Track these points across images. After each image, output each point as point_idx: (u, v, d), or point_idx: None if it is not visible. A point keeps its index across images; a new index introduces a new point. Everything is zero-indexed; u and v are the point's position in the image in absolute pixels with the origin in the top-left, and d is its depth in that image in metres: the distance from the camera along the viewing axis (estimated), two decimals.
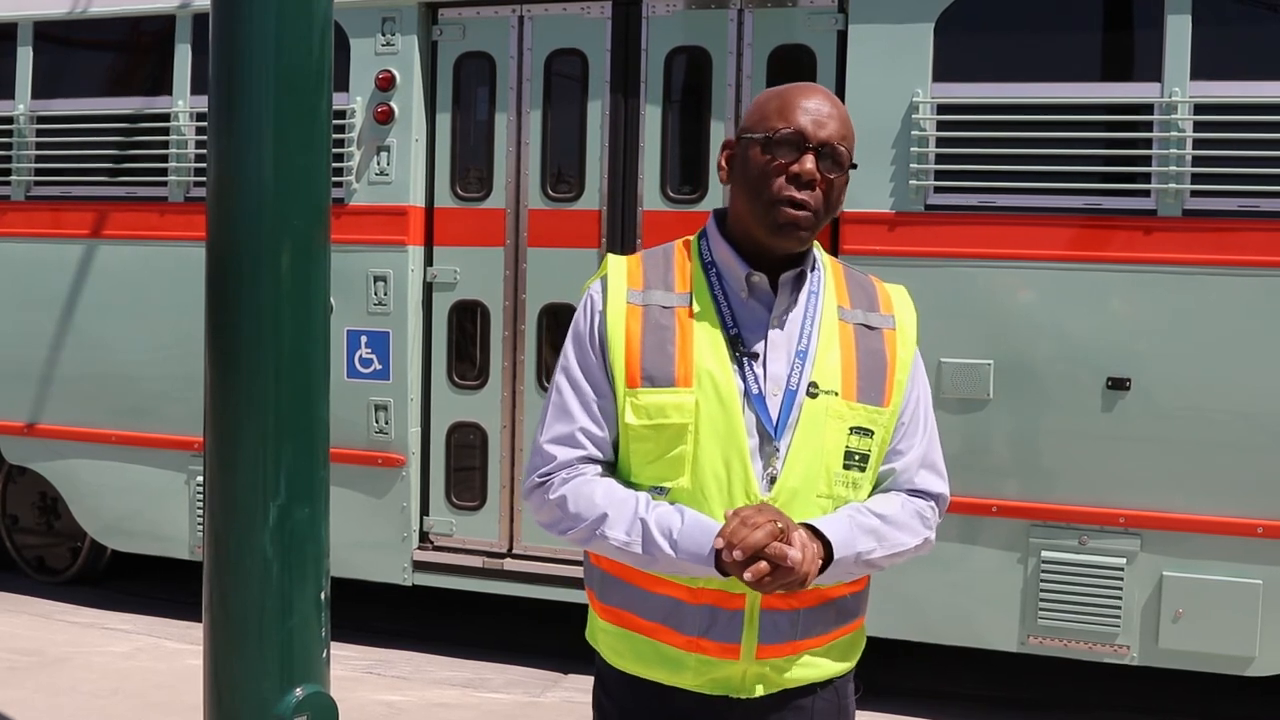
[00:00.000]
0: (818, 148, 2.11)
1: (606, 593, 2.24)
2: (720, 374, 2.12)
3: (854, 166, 2.19)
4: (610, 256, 2.27)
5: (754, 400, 2.12)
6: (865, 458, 2.16)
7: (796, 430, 2.11)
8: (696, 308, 2.17)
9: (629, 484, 2.17)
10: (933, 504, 2.25)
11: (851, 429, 2.14)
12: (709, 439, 2.10)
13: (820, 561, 2.04)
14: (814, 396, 2.13)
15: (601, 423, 2.18)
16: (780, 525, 1.99)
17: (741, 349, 2.14)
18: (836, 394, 2.14)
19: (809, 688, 2.21)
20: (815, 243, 2.25)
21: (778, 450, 2.11)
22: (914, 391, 2.24)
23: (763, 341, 2.15)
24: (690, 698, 2.17)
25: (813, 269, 2.22)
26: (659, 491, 2.13)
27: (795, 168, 2.10)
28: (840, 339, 2.18)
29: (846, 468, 2.14)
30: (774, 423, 2.11)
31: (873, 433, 2.16)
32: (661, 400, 2.12)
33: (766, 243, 2.15)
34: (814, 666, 2.20)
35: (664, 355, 2.13)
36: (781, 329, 2.17)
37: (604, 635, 2.27)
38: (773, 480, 2.11)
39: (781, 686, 2.18)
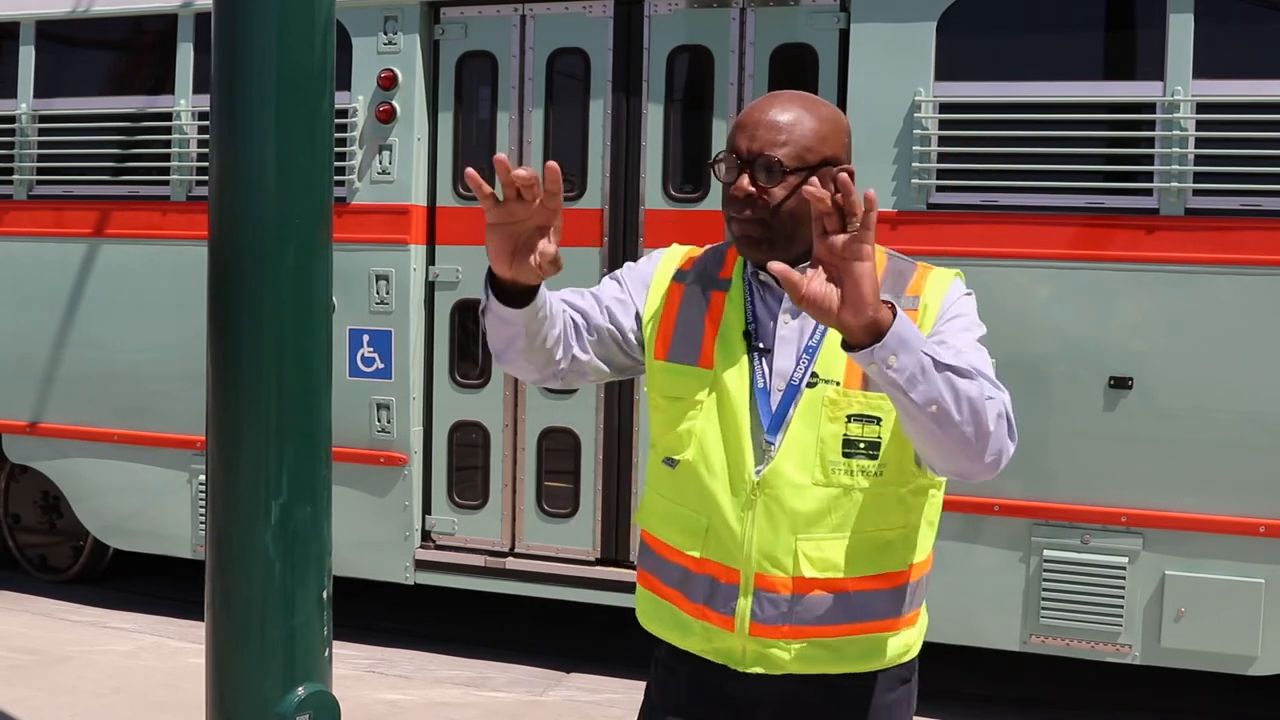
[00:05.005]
0: (750, 162, 2.15)
1: (642, 559, 2.36)
2: (735, 363, 2.20)
3: (818, 166, 2.14)
4: (674, 245, 2.39)
5: (758, 393, 2.18)
6: (874, 445, 2.14)
7: (793, 422, 2.15)
8: (731, 296, 2.25)
9: (652, 451, 2.29)
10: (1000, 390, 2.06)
11: (850, 417, 2.14)
12: (713, 421, 2.19)
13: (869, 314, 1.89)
14: (813, 386, 2.16)
15: (596, 303, 2.30)
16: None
17: (754, 343, 2.20)
18: (838, 383, 2.15)
19: (823, 678, 2.20)
20: None
21: (773, 442, 2.15)
22: (944, 338, 2.14)
23: (773, 337, 2.20)
24: (700, 662, 2.25)
25: None
26: (670, 463, 2.23)
27: (733, 188, 2.17)
28: None
29: (848, 455, 2.14)
30: (772, 415, 2.17)
31: (880, 419, 2.14)
32: (678, 376, 2.23)
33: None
34: (816, 658, 2.18)
35: (693, 333, 2.24)
36: (792, 324, 2.20)
37: (638, 599, 2.37)
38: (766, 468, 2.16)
39: (783, 670, 2.18)
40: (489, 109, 6.03)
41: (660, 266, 2.33)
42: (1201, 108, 4.88)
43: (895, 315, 1.91)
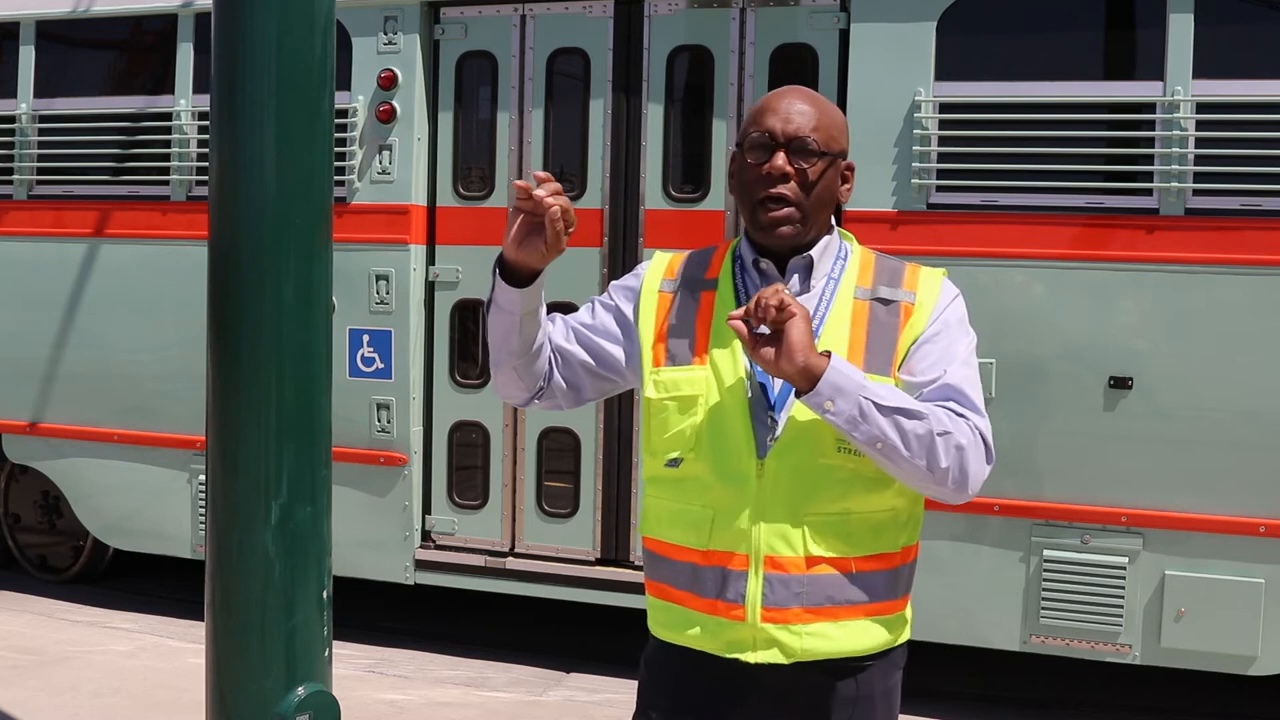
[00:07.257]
0: (786, 144, 2.25)
1: (650, 569, 2.38)
2: (730, 352, 2.26)
3: (838, 155, 2.29)
4: (657, 253, 2.47)
5: (759, 375, 2.24)
6: None
7: (796, 402, 2.19)
8: (720, 292, 2.33)
9: (650, 459, 2.32)
10: (967, 421, 2.23)
11: None
12: (715, 411, 2.24)
13: (800, 325, 2.10)
14: None
15: (569, 331, 2.45)
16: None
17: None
18: None
19: (827, 665, 2.23)
20: (847, 234, 2.39)
21: (778, 422, 2.22)
22: (933, 352, 2.26)
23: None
24: (713, 661, 2.26)
25: (839, 256, 2.34)
26: (674, 464, 2.28)
27: (767, 166, 2.25)
28: (853, 316, 2.27)
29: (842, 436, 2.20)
30: (775, 396, 2.24)
31: None
32: (678, 376, 2.29)
33: (762, 242, 2.31)
34: (826, 639, 2.22)
35: (686, 336, 2.31)
36: None
37: (650, 609, 2.39)
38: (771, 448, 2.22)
39: (794, 657, 2.21)
40: (489, 109, 6.03)
41: (646, 278, 2.42)
42: (1201, 108, 4.88)
43: (830, 364, 2.10)
